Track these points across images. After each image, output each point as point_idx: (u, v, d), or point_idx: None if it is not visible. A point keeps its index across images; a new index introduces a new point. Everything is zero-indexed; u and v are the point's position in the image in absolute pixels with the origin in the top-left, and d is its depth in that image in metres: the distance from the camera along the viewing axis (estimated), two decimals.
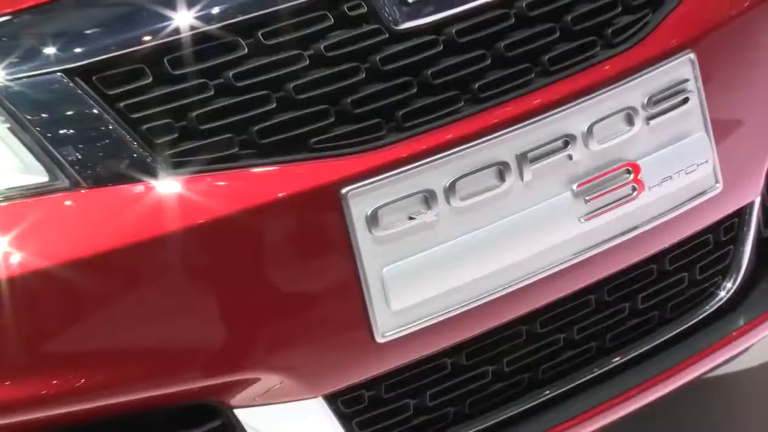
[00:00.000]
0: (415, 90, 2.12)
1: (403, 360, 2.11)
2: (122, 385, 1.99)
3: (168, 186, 2.00)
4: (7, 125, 1.98)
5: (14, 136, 1.98)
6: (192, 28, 2.03)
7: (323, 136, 2.07)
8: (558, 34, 2.22)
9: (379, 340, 2.06)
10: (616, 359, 2.30)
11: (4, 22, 2.02)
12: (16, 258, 1.94)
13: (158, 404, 2.03)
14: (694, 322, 2.38)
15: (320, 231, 2.06)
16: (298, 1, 2.08)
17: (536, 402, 2.25)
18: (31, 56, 2.00)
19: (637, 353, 2.32)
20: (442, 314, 2.11)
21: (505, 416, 2.22)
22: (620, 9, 2.27)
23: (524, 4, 2.18)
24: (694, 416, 2.69)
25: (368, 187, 2.05)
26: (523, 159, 2.14)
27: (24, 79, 1.98)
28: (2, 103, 1.97)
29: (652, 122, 2.23)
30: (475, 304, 2.13)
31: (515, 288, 2.16)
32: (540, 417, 2.24)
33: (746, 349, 2.54)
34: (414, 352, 2.12)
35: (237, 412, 2.05)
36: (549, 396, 2.25)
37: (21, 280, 1.93)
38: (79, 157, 1.98)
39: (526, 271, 2.16)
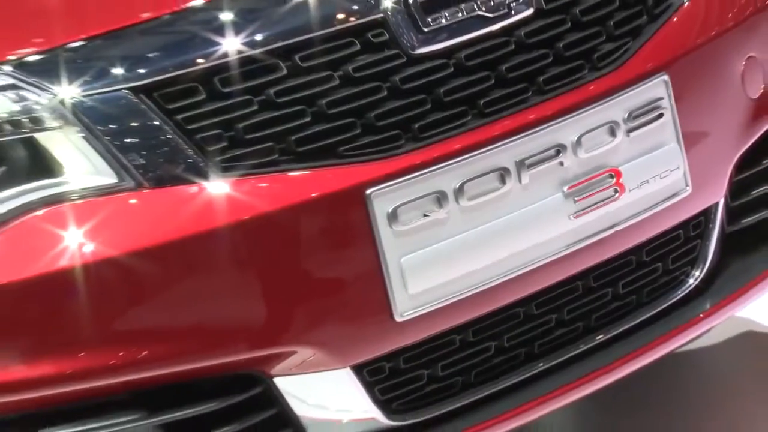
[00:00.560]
0: (429, 106, 2.10)
1: (418, 336, 2.10)
2: (180, 357, 1.98)
3: (218, 187, 1.98)
4: (82, 135, 1.95)
5: (88, 144, 1.96)
6: (238, 52, 2.01)
7: (350, 145, 2.05)
8: (551, 58, 2.20)
9: (398, 319, 2.05)
10: (600, 337, 2.30)
11: (78, 46, 2.00)
12: (89, 248, 1.93)
13: (210, 373, 2.02)
14: (666, 305, 2.37)
15: (348, 226, 2.04)
16: (329, 30, 2.06)
17: (532, 373, 2.24)
18: (102, 76, 1.98)
19: (617, 332, 2.31)
20: (452, 297, 2.09)
21: (505, 385, 2.21)
22: (604, 37, 2.26)
23: (522, 33, 2.17)
24: (662, 386, 2.65)
25: (389, 188, 2.03)
26: (521, 165, 2.12)
27: (96, 96, 1.96)
28: (78, 116, 1.95)
29: (631, 134, 2.22)
30: (480, 289, 2.11)
31: (514, 275, 2.14)
32: (535, 386, 2.24)
33: (711, 328, 2.51)
34: (427, 329, 2.10)
35: (276, 380, 2.04)
36: (543, 368, 2.25)
37: (93, 267, 1.92)
38: (143, 161, 1.97)
39: (523, 261, 2.15)
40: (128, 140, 1.97)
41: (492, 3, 2.14)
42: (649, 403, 2.72)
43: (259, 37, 2.03)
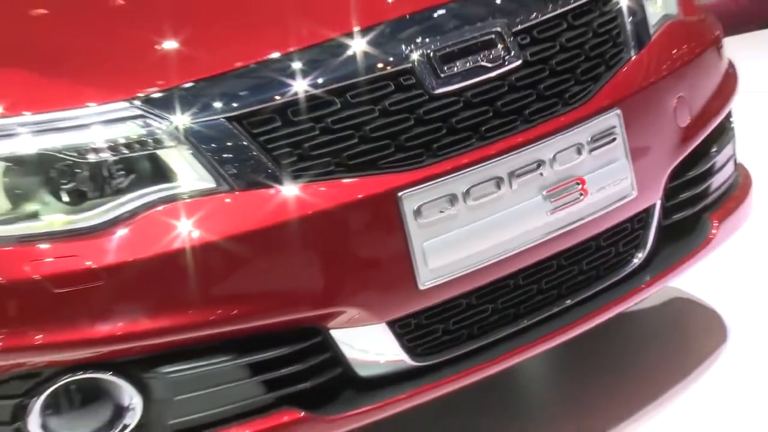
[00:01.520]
0: (445, 131, 2.09)
1: (435, 300, 2.09)
2: (262, 314, 1.98)
3: (290, 190, 1.97)
4: (191, 152, 1.95)
5: (195, 158, 1.96)
6: (305, 91, 2.01)
7: (387, 160, 2.04)
8: (534, 97, 2.19)
9: (421, 287, 2.04)
10: (568, 301, 2.28)
11: (189, 87, 2.00)
12: (195, 234, 1.92)
13: (284, 327, 2.00)
14: (618, 278, 2.36)
15: (384, 219, 2.02)
16: (371, 75, 2.05)
17: (518, 327, 2.22)
18: (206, 108, 1.98)
19: (582, 297, 2.30)
20: (461, 271, 2.08)
21: (498, 336, 2.20)
22: (573, 82, 2.24)
23: (513, 78, 2.15)
24: (610, 337, 2.65)
25: (415, 191, 2.03)
26: (512, 175, 2.11)
27: (201, 123, 1.97)
28: (187, 138, 1.95)
29: (593, 152, 2.21)
30: (481, 266, 2.10)
31: (506, 256, 2.13)
32: (520, 337, 2.22)
33: (648, 296, 2.50)
34: (442, 295, 2.09)
35: (332, 332, 2.03)
36: (526, 324, 2.23)
37: (199, 248, 1.91)
38: (234, 171, 1.96)
39: (512, 245, 2.13)
40: (224, 155, 1.96)
41: (491, 56, 2.12)
42: (600, 349, 2.70)
43: (320, 80, 2.02)
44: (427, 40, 2.10)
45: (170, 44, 2.15)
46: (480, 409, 2.60)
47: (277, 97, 2.00)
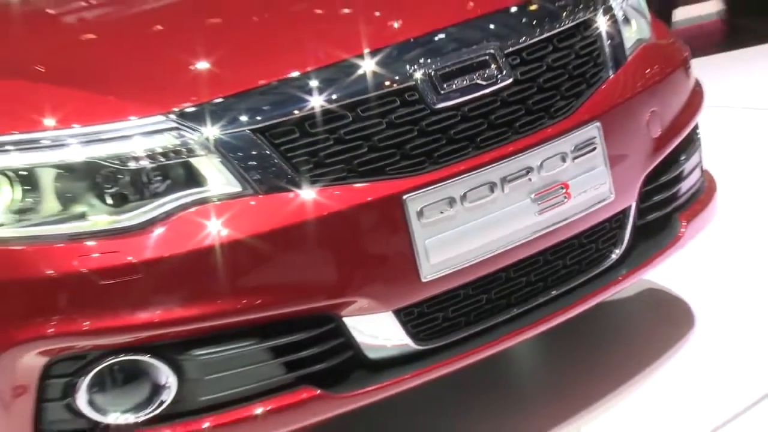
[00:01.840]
0: (444, 141, 2.09)
1: (436, 291, 2.08)
2: (283, 303, 1.98)
3: (307, 194, 1.98)
4: (219, 160, 1.96)
5: (223, 166, 1.96)
6: (320, 106, 2.01)
7: (393, 166, 2.04)
8: (523, 111, 2.18)
9: (423, 280, 2.04)
10: (554, 292, 2.28)
11: (218, 102, 2.00)
12: (224, 232, 1.93)
13: (302, 314, 2.01)
14: (597, 271, 2.35)
15: (391, 219, 2.02)
16: (379, 92, 2.06)
17: (510, 315, 2.22)
18: (233, 121, 1.98)
19: (566, 288, 2.29)
20: (459, 266, 2.08)
21: (492, 323, 2.20)
22: (558, 98, 2.24)
23: (505, 94, 2.15)
24: (591, 323, 2.65)
25: (418, 195, 2.03)
26: (504, 180, 2.11)
27: (228, 134, 1.97)
28: (217, 148, 1.96)
29: (576, 160, 2.20)
30: (477, 261, 2.10)
31: (498, 252, 2.13)
32: (511, 324, 2.21)
33: (624, 287, 2.50)
34: (442, 286, 2.09)
35: (344, 319, 2.02)
36: (516, 312, 2.23)
37: (227, 245, 1.92)
38: (258, 177, 1.96)
39: (504, 243, 2.13)
40: (249, 163, 1.96)
41: (485, 75, 2.12)
42: (580, 333, 2.71)
43: (334, 96, 2.02)
44: (429, 60, 2.10)
45: (201, 64, 2.16)
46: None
47: (296, 112, 2.00)
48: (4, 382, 1.91)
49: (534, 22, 2.27)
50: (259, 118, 1.99)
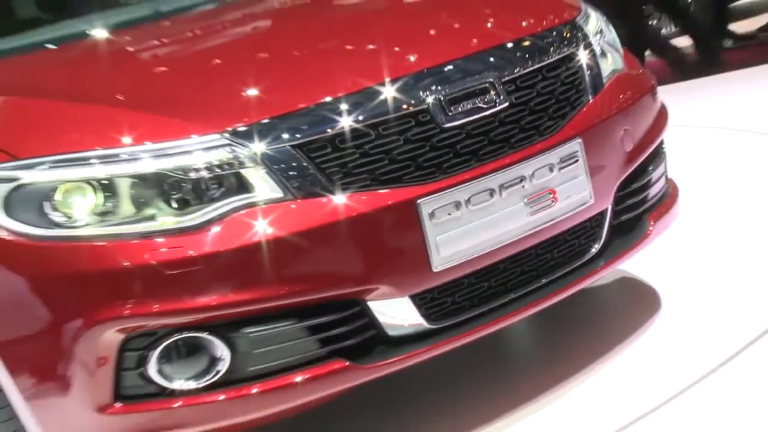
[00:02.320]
0: (451, 155, 2.07)
1: (445, 279, 2.06)
2: (318, 289, 1.97)
3: (338, 199, 1.97)
4: (265, 171, 1.95)
5: (268, 176, 1.96)
6: (349, 125, 2.00)
7: (409, 176, 2.03)
8: (518, 129, 2.16)
9: (434, 270, 2.03)
10: (543, 280, 2.25)
11: (264, 122, 1.99)
12: (269, 231, 1.92)
13: (333, 299, 1.99)
14: (580, 263, 2.32)
15: (407, 219, 2.01)
16: (397, 114, 2.04)
17: (506, 300, 2.19)
18: (276, 138, 1.97)
19: (553, 277, 2.27)
20: (464, 258, 2.06)
21: (492, 306, 2.17)
22: (546, 118, 2.21)
23: (502, 115, 2.13)
24: (572, 308, 2.61)
25: (430, 199, 2.02)
26: (501, 187, 2.09)
27: (272, 149, 1.96)
28: (263, 161, 1.95)
29: (561, 170, 2.18)
30: (479, 254, 2.08)
31: (497, 247, 2.11)
32: (508, 306, 2.19)
33: (602, 276, 2.46)
34: (450, 276, 2.06)
35: (369, 303, 2.01)
36: (513, 297, 2.20)
37: (272, 241, 1.91)
38: (297, 185, 1.95)
39: (501, 239, 2.11)
40: (289, 173, 1.96)
41: (486, 99, 2.11)
42: (563, 316, 2.68)
43: (360, 117, 2.01)
44: (439, 88, 2.09)
45: (250, 90, 2.15)
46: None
47: (329, 130, 1.99)
48: (90, 354, 1.92)
49: (526, 56, 2.25)
50: (298, 135, 1.98)
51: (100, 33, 2.66)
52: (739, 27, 6.45)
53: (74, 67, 2.50)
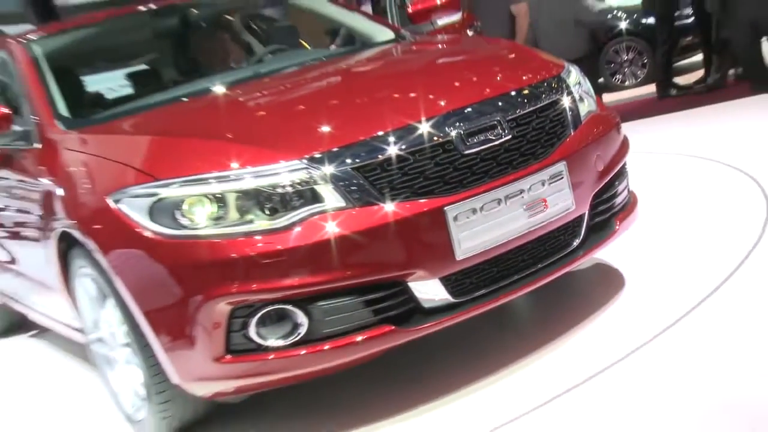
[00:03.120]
0: (469, 174, 2.03)
1: (465, 266, 2.01)
2: (372, 272, 1.92)
3: (387, 206, 1.94)
4: (332, 186, 1.93)
5: (334, 190, 1.93)
6: (395, 153, 1.96)
7: (438, 189, 1.99)
8: (518, 155, 2.12)
9: (457, 259, 1.98)
10: (539, 266, 2.18)
11: (332, 151, 1.97)
12: (336, 230, 1.89)
13: (384, 280, 1.94)
14: (564, 253, 2.24)
15: (437, 222, 1.96)
16: (429, 144, 2.00)
17: (511, 280, 2.13)
18: (341, 163, 1.95)
19: (545, 264, 2.19)
20: (479, 250, 2.01)
21: (499, 285, 2.10)
22: (539, 146, 2.16)
23: (507, 145, 2.09)
24: (554, 289, 2.49)
25: (453, 206, 1.98)
26: (506, 197, 2.05)
27: (338, 170, 1.94)
28: (331, 179, 1.93)
29: (551, 184, 2.13)
30: (490, 247, 2.03)
31: (503, 241, 2.05)
32: (511, 285, 2.11)
33: (581, 263, 2.38)
34: (469, 263, 2.01)
35: (409, 283, 1.96)
36: (515, 278, 2.14)
37: (338, 237, 1.88)
38: (357, 196, 1.93)
39: (507, 236, 2.05)
40: (350, 188, 1.93)
41: (494, 133, 2.07)
42: (548, 294, 2.57)
43: (402, 146, 1.98)
44: (460, 124, 2.05)
45: (322, 127, 2.10)
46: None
47: (380, 156, 1.96)
48: (208, 320, 1.92)
49: (524, 101, 2.21)
50: (357, 160, 1.96)
51: (218, 89, 2.66)
52: (682, 80, 6.38)
53: (198, 113, 2.50)
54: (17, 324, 3.75)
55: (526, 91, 2.23)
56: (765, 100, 4.82)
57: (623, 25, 7.19)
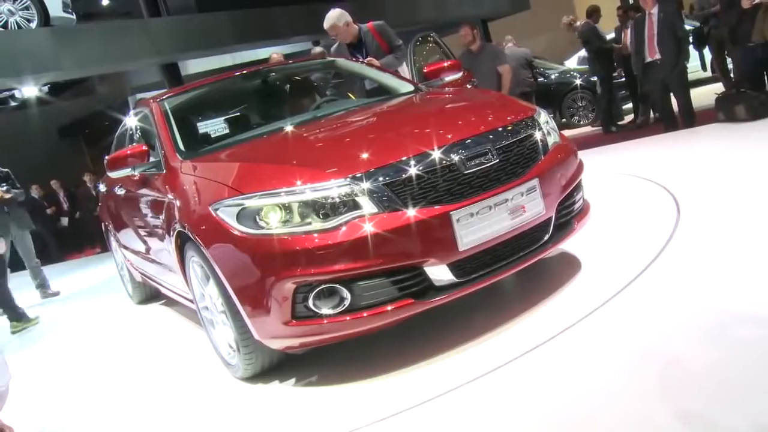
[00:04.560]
0: (468, 187, 1.94)
1: (466, 255, 1.91)
2: (397, 261, 1.82)
3: (408, 212, 1.85)
4: (368, 198, 1.85)
5: (370, 200, 1.85)
6: (414, 173, 1.87)
7: (445, 199, 1.90)
8: (503, 173, 2.02)
9: (460, 250, 1.90)
10: (520, 254, 2.06)
11: (369, 172, 1.87)
12: (371, 229, 1.81)
13: (406, 266, 1.85)
14: (537, 245, 2.12)
15: (445, 223, 1.87)
16: (438, 166, 1.91)
17: (499, 265, 2.01)
18: (375, 180, 1.87)
19: (524, 252, 2.07)
20: (476, 243, 1.91)
21: (491, 269, 1.98)
22: (519, 167, 2.06)
23: (495, 166, 1.99)
24: (531, 272, 2.39)
25: (457, 212, 1.89)
26: (495, 204, 1.95)
27: (373, 186, 1.85)
28: (368, 192, 1.84)
29: (528, 195, 2.03)
30: (483, 242, 1.93)
31: (493, 237, 1.95)
32: (499, 269, 1.99)
33: (550, 252, 2.23)
34: (469, 253, 1.91)
35: (424, 267, 1.88)
36: (501, 264, 2.01)
37: (373, 235, 1.80)
38: (387, 204, 1.85)
39: (495, 234, 1.95)
40: (382, 199, 1.85)
41: (486, 158, 1.98)
42: (528, 274, 2.46)
43: (419, 168, 1.90)
44: (461, 152, 1.96)
45: (362, 154, 1.96)
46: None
47: (403, 175, 1.88)
48: (279, 295, 1.88)
49: (509, 134, 2.11)
50: (387, 178, 1.88)
51: (287, 128, 2.57)
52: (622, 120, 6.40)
53: (272, 145, 2.43)
54: (153, 295, 3.91)
55: (509, 128, 2.14)
56: (674, 136, 4.93)
57: (578, 81, 7.54)
